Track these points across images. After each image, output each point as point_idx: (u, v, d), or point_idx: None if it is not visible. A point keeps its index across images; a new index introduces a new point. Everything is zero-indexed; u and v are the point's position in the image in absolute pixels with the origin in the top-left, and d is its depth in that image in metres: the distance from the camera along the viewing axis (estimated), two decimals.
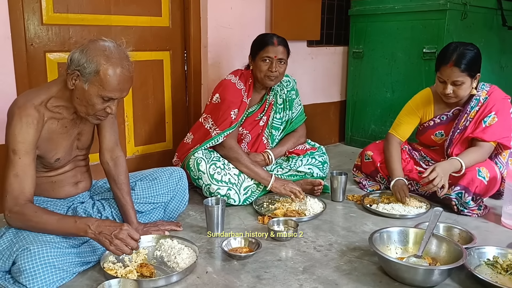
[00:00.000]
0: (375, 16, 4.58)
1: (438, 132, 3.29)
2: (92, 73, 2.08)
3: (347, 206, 3.17)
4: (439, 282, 2.12)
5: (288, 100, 3.51)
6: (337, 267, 2.30)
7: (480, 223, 2.90)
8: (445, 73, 3.00)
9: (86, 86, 2.10)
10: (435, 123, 3.28)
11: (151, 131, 3.77)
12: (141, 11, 3.51)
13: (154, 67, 3.67)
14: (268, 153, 3.38)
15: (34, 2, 3.00)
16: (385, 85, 4.59)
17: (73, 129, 2.35)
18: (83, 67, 2.08)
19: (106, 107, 2.17)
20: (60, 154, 2.31)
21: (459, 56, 2.95)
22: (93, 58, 2.08)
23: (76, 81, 2.12)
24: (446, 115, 3.24)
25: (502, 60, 4.74)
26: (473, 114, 3.12)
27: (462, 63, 2.94)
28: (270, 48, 3.18)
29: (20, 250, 1.97)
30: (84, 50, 2.10)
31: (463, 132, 3.16)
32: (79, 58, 2.09)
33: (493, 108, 3.07)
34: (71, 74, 2.11)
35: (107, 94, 2.12)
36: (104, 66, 2.08)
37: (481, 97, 3.13)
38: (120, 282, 1.99)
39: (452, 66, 2.96)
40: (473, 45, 3.05)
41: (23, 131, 2.09)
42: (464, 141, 3.16)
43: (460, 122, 3.16)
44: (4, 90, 2.87)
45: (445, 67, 2.99)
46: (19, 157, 2.08)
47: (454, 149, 3.18)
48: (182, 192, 2.83)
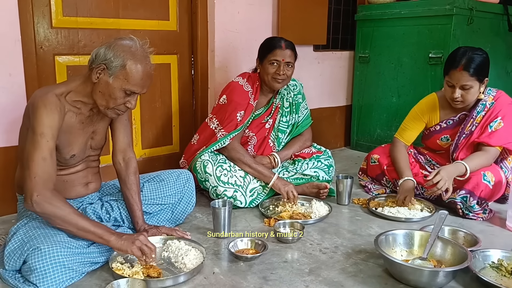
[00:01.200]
0: (381, 21, 4.60)
1: (444, 136, 3.30)
2: (118, 67, 2.18)
3: (353, 209, 3.19)
4: (444, 284, 2.13)
5: (295, 103, 3.53)
6: (343, 269, 2.31)
7: (485, 227, 2.90)
8: (454, 77, 3.01)
9: (111, 80, 2.19)
10: (441, 127, 3.29)
11: (158, 134, 3.79)
12: (149, 15, 3.55)
13: (162, 71, 3.70)
14: (274, 156, 3.40)
15: (44, 6, 3.04)
16: (391, 89, 4.61)
17: (88, 126, 2.40)
18: (110, 61, 2.18)
19: (126, 101, 2.26)
20: (75, 150, 2.35)
21: (468, 60, 2.96)
22: (120, 54, 2.19)
23: (101, 75, 2.21)
24: (452, 120, 3.25)
25: (508, 65, 4.75)
26: (479, 119, 3.13)
27: (471, 67, 2.95)
28: (278, 51, 3.21)
29: (31, 250, 2.00)
30: (111, 46, 2.21)
31: (469, 136, 3.17)
32: (106, 53, 2.19)
33: (500, 113, 3.08)
34: (96, 67, 2.20)
35: (130, 88, 2.21)
36: (130, 61, 2.19)
37: (488, 102, 3.14)
38: (129, 282, 2.02)
39: (461, 70, 2.97)
40: (481, 49, 3.06)
41: (49, 116, 2.14)
42: (470, 146, 3.17)
43: (466, 127, 3.17)
44: (14, 93, 2.91)
45: (455, 71, 3.00)
46: (47, 140, 2.12)
47: (459, 154, 3.19)
48: (189, 193, 2.85)
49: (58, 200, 2.09)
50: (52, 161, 2.13)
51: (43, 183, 2.07)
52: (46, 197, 2.06)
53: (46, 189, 2.07)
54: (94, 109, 2.36)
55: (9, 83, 2.89)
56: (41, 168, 2.08)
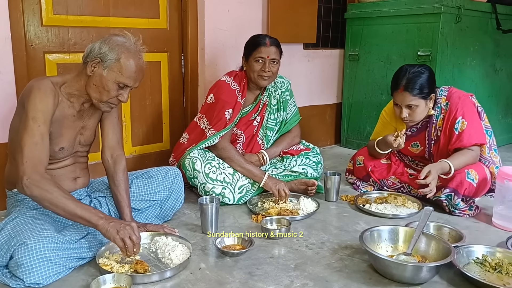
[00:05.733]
0: (370, 19, 4.63)
1: (413, 143, 3.35)
2: (113, 60, 2.26)
3: (341, 206, 3.21)
4: (427, 279, 2.16)
5: (282, 101, 3.56)
6: (328, 265, 2.34)
7: (471, 223, 2.93)
8: (397, 98, 3.10)
9: (105, 72, 2.27)
10: (407, 135, 3.31)
11: (148, 132, 3.81)
12: (139, 13, 3.56)
13: (152, 69, 3.71)
14: (262, 153, 3.43)
15: (34, 4, 3.05)
16: (380, 87, 4.64)
17: (79, 121, 2.44)
18: (105, 54, 2.26)
19: (119, 94, 2.33)
20: (64, 143, 2.38)
21: (408, 80, 3.03)
22: (114, 48, 2.28)
23: (96, 68, 2.28)
24: (416, 127, 3.31)
25: (496, 63, 4.79)
26: (440, 123, 3.18)
27: (412, 88, 3.02)
28: (263, 48, 3.23)
29: (17, 245, 2.01)
30: (106, 40, 2.29)
31: (437, 143, 3.21)
32: (101, 47, 2.28)
33: (458, 112, 3.11)
34: (91, 61, 2.27)
35: (124, 81, 2.29)
36: (124, 54, 2.28)
37: (442, 104, 3.18)
38: (115, 277, 2.04)
39: (402, 91, 3.05)
40: (425, 66, 3.14)
41: (43, 101, 2.19)
42: (444, 152, 3.20)
43: (431, 133, 3.22)
44: (4, 91, 2.92)
45: (397, 92, 3.09)
46: (39, 125, 2.16)
47: (437, 160, 3.18)
48: (178, 190, 2.87)
49: (47, 184, 2.11)
50: (43, 145, 2.17)
51: (33, 166, 2.11)
52: (35, 180, 2.09)
53: (36, 173, 2.11)
54: (86, 103, 2.41)
55: None
56: (32, 153, 2.12)
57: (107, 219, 2.16)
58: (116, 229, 2.13)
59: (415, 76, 3.03)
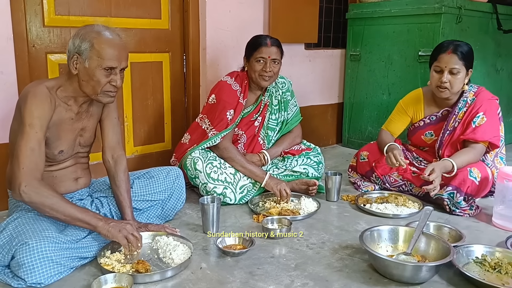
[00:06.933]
0: (372, 19, 4.64)
1: (428, 132, 3.36)
2: (88, 49, 2.23)
3: (341, 205, 3.22)
4: (427, 278, 2.17)
5: (283, 101, 3.57)
6: (329, 264, 2.35)
7: (471, 223, 2.94)
8: (443, 60, 3.11)
9: (87, 63, 2.24)
10: (425, 123, 3.35)
11: (150, 132, 3.83)
12: (141, 14, 3.58)
13: (154, 69, 3.73)
14: (264, 153, 3.43)
15: (36, 4, 3.06)
16: (381, 87, 4.65)
17: (77, 123, 2.44)
18: (79, 47, 2.24)
19: (110, 79, 2.28)
20: (64, 146, 2.39)
21: (456, 46, 3.11)
22: (85, 37, 2.24)
23: (77, 64, 2.26)
24: (435, 116, 3.31)
25: (497, 63, 4.79)
26: (461, 115, 3.19)
27: (460, 52, 3.08)
28: (264, 48, 3.24)
29: (19, 245, 2.02)
30: (77, 34, 2.27)
31: (452, 133, 3.22)
32: (73, 42, 2.26)
33: (481, 108, 3.14)
34: (71, 59, 2.26)
35: (106, 63, 2.24)
36: (96, 39, 2.24)
37: (469, 98, 3.20)
38: (116, 277, 2.05)
39: (451, 53, 3.09)
40: (467, 43, 3.18)
41: (39, 107, 2.19)
42: (454, 143, 3.22)
43: (449, 123, 3.22)
44: (6, 91, 2.94)
45: (444, 54, 3.12)
46: (36, 131, 2.16)
47: (445, 151, 3.24)
48: (179, 190, 2.88)
49: (45, 189, 2.13)
50: (40, 151, 2.18)
51: (30, 173, 2.12)
52: (33, 186, 2.11)
53: (33, 179, 2.12)
54: (84, 104, 2.41)
55: (1, 81, 2.92)
56: (29, 159, 2.13)
57: (106, 221, 2.21)
58: (118, 228, 2.18)
59: (461, 44, 3.13)
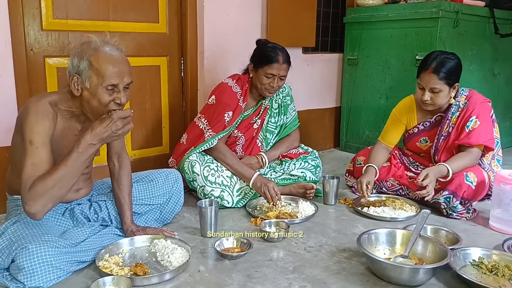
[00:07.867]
0: (369, 23, 4.66)
1: (422, 139, 3.37)
2: (87, 68, 2.14)
3: (339, 209, 3.23)
4: (424, 281, 2.18)
5: (283, 105, 3.58)
6: (326, 267, 2.35)
7: (468, 226, 2.95)
8: (424, 79, 3.10)
9: (88, 84, 2.15)
10: (419, 130, 3.36)
11: (148, 136, 3.83)
12: (139, 18, 3.59)
13: (152, 73, 3.74)
14: (262, 156, 3.44)
15: (34, 8, 3.07)
16: (379, 91, 4.66)
17: None
18: (78, 67, 2.15)
19: (114, 98, 2.19)
20: None
21: (438, 64, 3.04)
22: (82, 55, 2.15)
23: (79, 85, 2.17)
24: (429, 122, 3.32)
25: (494, 67, 4.81)
26: (454, 120, 3.19)
27: (440, 71, 3.03)
28: (275, 65, 3.21)
29: (19, 249, 2.02)
30: (73, 54, 2.18)
31: (447, 138, 3.23)
32: (72, 62, 2.16)
33: (473, 112, 3.13)
34: (71, 81, 2.17)
35: (107, 81, 2.14)
36: (94, 56, 2.14)
37: (461, 102, 3.20)
38: (114, 279, 2.06)
39: (431, 73, 3.05)
40: (454, 54, 3.13)
41: (39, 123, 2.13)
42: (450, 148, 3.22)
43: (443, 129, 3.23)
44: (4, 94, 2.94)
45: (425, 73, 3.09)
46: (37, 147, 2.11)
47: (441, 156, 3.24)
48: (178, 193, 2.89)
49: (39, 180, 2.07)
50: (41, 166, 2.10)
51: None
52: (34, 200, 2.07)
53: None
54: (88, 121, 2.32)
55: None
56: (29, 173, 2.08)
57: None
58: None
59: (445, 61, 3.05)
